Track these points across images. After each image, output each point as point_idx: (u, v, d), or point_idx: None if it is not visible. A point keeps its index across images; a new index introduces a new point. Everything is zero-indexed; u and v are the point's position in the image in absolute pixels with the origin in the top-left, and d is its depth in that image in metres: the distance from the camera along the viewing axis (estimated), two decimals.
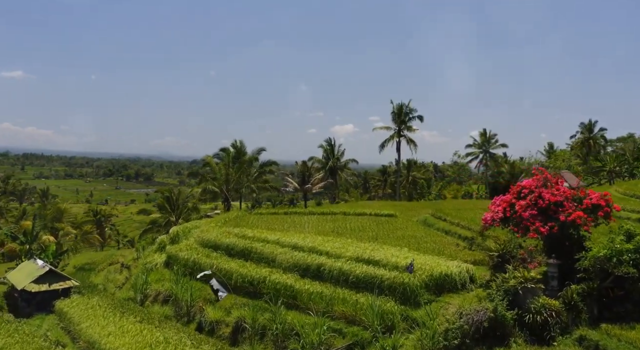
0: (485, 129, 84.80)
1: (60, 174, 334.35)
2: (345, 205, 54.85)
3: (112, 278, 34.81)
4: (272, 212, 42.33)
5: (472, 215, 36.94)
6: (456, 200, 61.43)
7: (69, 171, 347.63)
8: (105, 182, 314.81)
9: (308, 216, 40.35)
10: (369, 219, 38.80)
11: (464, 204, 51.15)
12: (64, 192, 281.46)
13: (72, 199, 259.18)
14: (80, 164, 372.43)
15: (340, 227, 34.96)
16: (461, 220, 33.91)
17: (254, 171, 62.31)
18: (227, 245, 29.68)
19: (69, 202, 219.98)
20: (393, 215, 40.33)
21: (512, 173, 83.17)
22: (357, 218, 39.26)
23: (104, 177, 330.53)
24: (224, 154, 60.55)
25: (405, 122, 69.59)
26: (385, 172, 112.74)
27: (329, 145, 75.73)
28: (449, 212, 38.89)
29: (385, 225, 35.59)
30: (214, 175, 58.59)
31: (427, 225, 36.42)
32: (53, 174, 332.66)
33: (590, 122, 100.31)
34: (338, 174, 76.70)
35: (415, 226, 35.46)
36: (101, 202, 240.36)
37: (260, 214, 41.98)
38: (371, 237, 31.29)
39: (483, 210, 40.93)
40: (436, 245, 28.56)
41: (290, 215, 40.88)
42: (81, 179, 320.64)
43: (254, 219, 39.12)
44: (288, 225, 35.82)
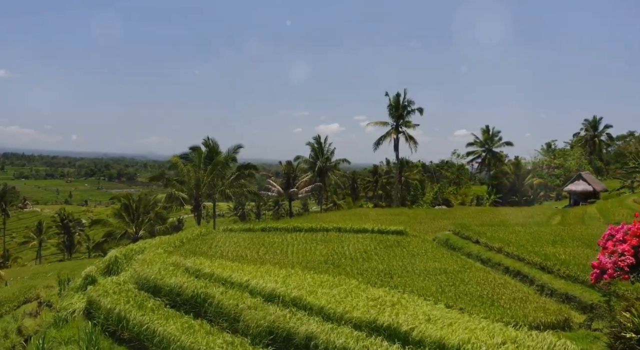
0: (487, 126, 75.59)
1: (41, 174, 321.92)
2: (338, 215, 44.85)
3: (11, 329, 24.22)
4: (245, 229, 32.14)
5: (508, 234, 27.18)
6: (467, 207, 51.71)
7: (50, 171, 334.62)
8: (86, 182, 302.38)
9: (292, 234, 30.26)
10: (372, 238, 28.84)
11: (481, 214, 41.50)
12: (43, 193, 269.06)
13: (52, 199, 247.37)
14: (62, 164, 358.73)
15: (335, 253, 24.92)
16: (502, 244, 24.06)
17: (230, 174, 52.07)
18: (172, 289, 19.48)
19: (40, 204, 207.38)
20: (402, 233, 30.46)
21: (518, 174, 74.03)
22: (356, 237, 29.28)
23: (86, 177, 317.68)
24: (194, 153, 50.19)
25: (404, 117, 59.85)
26: (377, 173, 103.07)
27: (318, 143, 65.86)
28: (474, 228, 29.10)
29: (396, 250, 25.65)
30: (182, 178, 48.21)
31: (452, 248, 26.58)
32: (34, 174, 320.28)
33: (595, 118, 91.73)
34: (327, 176, 66.77)
35: (437, 251, 25.55)
36: (81, 203, 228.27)
37: (231, 231, 31.80)
38: (381, 271, 21.32)
39: (520, 227, 31.34)
40: (485, 288, 18.67)
41: (269, 233, 30.79)
42: (62, 179, 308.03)
43: (221, 239, 28.94)
44: (265, 250, 25.70)
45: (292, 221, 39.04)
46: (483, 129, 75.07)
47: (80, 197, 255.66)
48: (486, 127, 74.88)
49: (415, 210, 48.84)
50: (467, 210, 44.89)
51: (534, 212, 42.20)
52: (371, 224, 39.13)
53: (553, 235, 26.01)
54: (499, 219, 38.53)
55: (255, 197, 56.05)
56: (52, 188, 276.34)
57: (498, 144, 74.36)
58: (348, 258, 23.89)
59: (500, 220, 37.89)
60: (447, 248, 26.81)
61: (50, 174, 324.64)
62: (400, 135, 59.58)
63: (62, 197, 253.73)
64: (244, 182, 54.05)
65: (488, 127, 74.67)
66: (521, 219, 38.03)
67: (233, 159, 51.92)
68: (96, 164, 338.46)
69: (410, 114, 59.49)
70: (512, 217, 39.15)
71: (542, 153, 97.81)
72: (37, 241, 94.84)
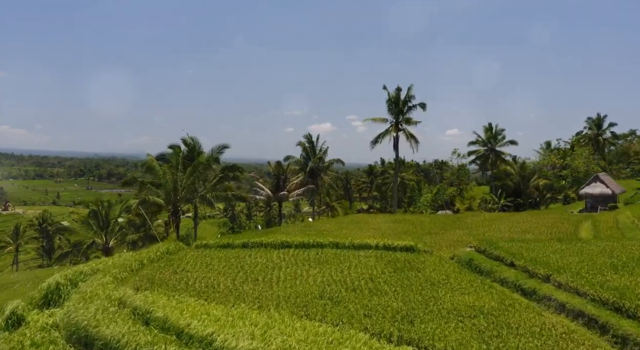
0: (490, 124, 70.01)
1: (30, 174, 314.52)
2: (333, 223, 39.10)
3: None
4: (223, 244, 26.27)
5: (548, 253, 21.60)
6: (477, 214, 45.89)
7: (39, 171, 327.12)
8: (76, 182, 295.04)
9: (280, 252, 24.49)
10: (377, 257, 23.18)
11: (497, 222, 35.93)
12: (31, 193, 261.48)
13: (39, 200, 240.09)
14: (51, 164, 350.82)
15: (334, 281, 19.19)
16: (549, 270, 18.39)
17: (213, 176, 46.22)
18: (108, 343, 13.78)
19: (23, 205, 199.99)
20: (412, 249, 24.83)
21: (523, 175, 68.67)
22: (358, 255, 23.60)
23: (76, 177, 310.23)
24: (172, 153, 44.28)
25: (404, 113, 54.15)
26: (372, 173, 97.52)
27: (309, 142, 60.06)
28: (503, 245, 23.47)
29: (410, 275, 19.97)
30: (158, 181, 42.26)
31: (479, 271, 20.91)
32: (22, 174, 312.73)
33: (599, 116, 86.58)
34: (320, 177, 61.01)
35: (462, 276, 19.86)
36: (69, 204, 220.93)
37: (206, 248, 25.98)
38: (397, 311, 15.61)
39: (558, 243, 24.33)
40: (546, 341, 13.09)
41: (252, 251, 24.99)
42: (51, 179, 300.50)
43: (191, 259, 23.13)
44: (243, 277, 19.91)
45: (280, 234, 33.27)
46: (485, 126, 69.57)
47: (69, 198, 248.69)
48: (489, 125, 69.40)
49: (418, 217, 43.22)
50: (478, 217, 39.35)
51: (556, 219, 36.76)
52: (372, 234, 33.67)
53: (608, 256, 20.43)
54: (519, 228, 33.02)
55: (240, 201, 50.33)
56: (40, 188, 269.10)
57: (501, 143, 68.94)
58: (350, 289, 18.14)
59: (521, 229, 32.38)
60: (472, 271, 21.17)
61: (40, 174, 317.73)
62: (400, 133, 53.96)
63: (50, 198, 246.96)
64: (228, 185, 48.20)
65: (491, 125, 69.21)
66: (544, 229, 32.55)
67: (216, 160, 46.09)
68: (86, 164, 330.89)
69: (411, 110, 53.97)
70: (533, 226, 33.66)
71: (542, 152, 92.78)
72: (14, 246, 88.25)
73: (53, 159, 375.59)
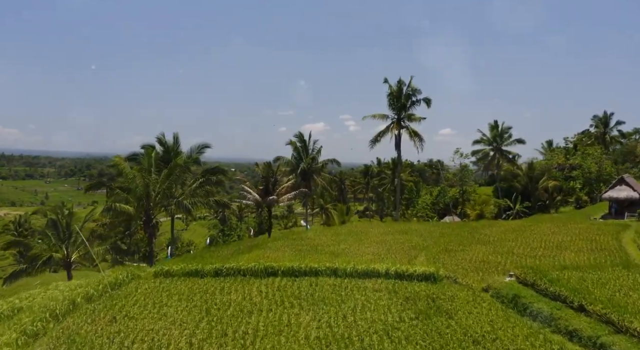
0: (496, 121, 64.14)
1: (20, 174, 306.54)
2: (330, 235, 33.05)
3: None
4: (191, 272, 20.16)
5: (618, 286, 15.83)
6: (495, 223, 39.37)
7: (30, 171, 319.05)
8: (66, 182, 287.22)
9: (261, 282, 18.46)
10: (389, 292, 17.23)
11: (522, 234, 30.14)
12: (21, 194, 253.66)
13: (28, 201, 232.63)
14: (42, 164, 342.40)
15: (335, 340, 13.20)
16: None
17: (192, 180, 40.16)
18: None
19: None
20: (433, 278, 18.94)
21: (531, 176, 62.95)
22: (364, 288, 17.66)
23: (66, 177, 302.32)
24: (144, 154, 38.19)
25: (407, 108, 48.19)
26: (368, 173, 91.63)
27: (301, 141, 54.03)
28: (549, 273, 17.65)
29: (439, 323, 14.06)
30: (127, 186, 36.14)
31: (532, 316, 15.06)
32: (12, 174, 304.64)
33: (606, 114, 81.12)
34: (313, 179, 55.02)
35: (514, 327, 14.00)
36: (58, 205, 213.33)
37: (167, 276, 19.88)
38: None
39: (622, 268, 17.06)
40: None
41: (226, 281, 18.94)
42: (42, 180, 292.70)
43: (142, 296, 17.09)
44: (206, 332, 13.84)
45: (266, 250, 27.34)
46: (491, 124, 63.81)
47: (59, 198, 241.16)
48: (494, 123, 63.63)
49: (425, 226, 37.32)
50: (497, 228, 33.52)
51: (587, 229, 31.10)
52: (375, 249, 27.82)
53: None
54: (551, 242, 27.28)
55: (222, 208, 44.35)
56: (30, 189, 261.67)
57: (508, 142, 63.24)
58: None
59: (554, 244, 26.66)
60: (522, 314, 15.32)
61: (30, 175, 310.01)
62: (402, 131, 48.10)
63: (39, 199, 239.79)
64: (210, 189, 42.10)
65: (497, 123, 63.44)
66: (582, 243, 26.82)
67: (196, 161, 40.04)
68: (77, 164, 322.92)
69: (414, 106, 48.09)
70: (566, 239, 27.95)
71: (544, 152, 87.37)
72: None
73: (44, 159, 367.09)
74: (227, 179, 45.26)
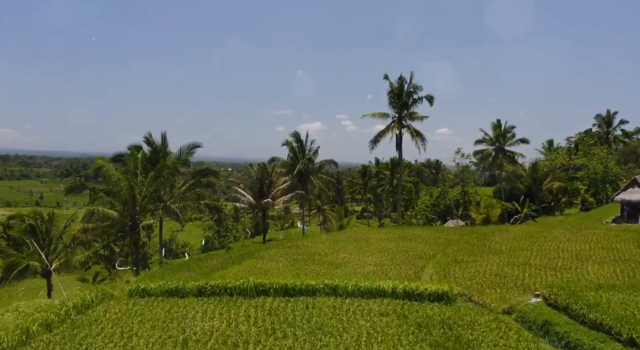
0: (499, 120, 61.72)
1: (15, 174, 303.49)
2: (327, 242, 30.43)
3: None
4: (170, 290, 17.52)
5: None
6: (505, 228, 36.26)
7: (26, 171, 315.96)
8: (62, 182, 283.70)
9: (251, 306, 15.95)
10: (397, 316, 14.70)
11: (536, 241, 27.67)
12: (16, 194, 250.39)
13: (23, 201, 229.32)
14: (38, 164, 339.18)
15: None
16: None
17: (182, 183, 37.61)
18: None
19: None
20: (447, 297, 16.48)
21: (535, 177, 60.58)
22: (369, 313, 15.14)
23: (62, 177, 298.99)
24: (130, 155, 35.60)
25: (408, 106, 45.66)
26: (366, 174, 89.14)
27: (297, 141, 51.48)
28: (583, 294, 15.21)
29: None
30: (111, 189, 33.60)
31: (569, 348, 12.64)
32: (8, 174, 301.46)
33: (609, 113, 78.91)
34: (310, 180, 52.50)
35: None
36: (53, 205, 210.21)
37: (143, 295, 17.33)
38: None
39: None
40: None
41: (209, 302, 16.40)
42: (37, 180, 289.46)
43: (109, 322, 14.53)
44: None
45: (258, 260, 24.81)
46: (494, 123, 61.33)
47: (54, 199, 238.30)
48: (497, 122, 61.18)
49: (429, 232, 34.81)
50: (507, 234, 31.03)
51: (605, 236, 28.67)
52: (378, 258, 25.34)
53: None
54: (569, 251, 24.82)
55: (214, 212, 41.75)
56: (25, 189, 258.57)
57: (511, 142, 60.81)
58: None
59: (574, 253, 24.18)
60: (555, 346, 12.88)
61: (25, 175, 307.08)
62: (403, 130, 45.60)
63: (34, 199, 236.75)
64: (200, 191, 39.54)
65: (499, 122, 61.01)
66: (602, 252, 24.38)
67: (185, 163, 37.47)
68: (73, 164, 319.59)
69: (416, 104, 45.61)
70: (584, 248, 25.50)
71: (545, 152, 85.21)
72: None
73: (40, 159, 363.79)
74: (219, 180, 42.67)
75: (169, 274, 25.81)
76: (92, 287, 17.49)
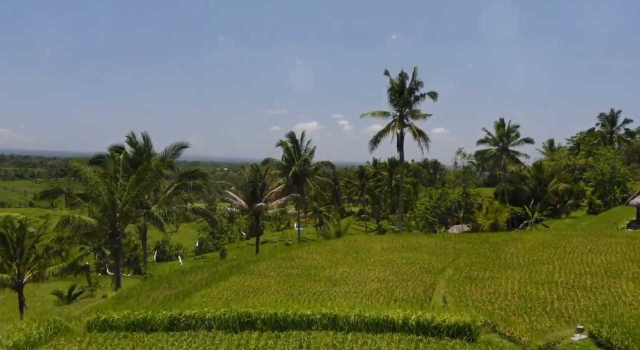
0: (502, 119, 58.89)
1: (10, 175, 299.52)
2: (324, 253, 27.38)
3: None
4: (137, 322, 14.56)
5: None
6: (518, 236, 32.86)
7: (20, 171, 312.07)
8: (57, 182, 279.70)
9: (232, 344, 13.00)
10: None
11: (555, 252, 24.76)
12: (10, 194, 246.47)
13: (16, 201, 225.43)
14: (33, 164, 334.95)
15: None
16: None
17: (166, 186, 34.57)
18: None
19: None
20: (467, 332, 13.55)
21: (540, 178, 57.81)
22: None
23: (57, 177, 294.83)
24: (110, 156, 32.52)
25: (411, 104, 42.73)
26: (363, 175, 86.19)
27: (293, 141, 48.50)
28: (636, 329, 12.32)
29: None
30: (90, 193, 30.55)
31: None
32: (2, 174, 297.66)
33: (613, 112, 76.29)
34: (306, 183, 49.52)
35: None
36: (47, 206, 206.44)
37: (104, 329, 14.29)
38: None
39: None
40: None
41: (182, 339, 13.45)
42: (32, 180, 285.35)
43: None
44: None
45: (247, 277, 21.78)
46: (497, 122, 58.54)
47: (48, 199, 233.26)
48: (500, 121, 58.39)
49: (436, 240, 31.80)
50: (522, 244, 28.13)
51: (627, 245, 25.87)
52: (380, 273, 22.38)
53: None
54: (595, 264, 21.95)
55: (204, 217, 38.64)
56: (20, 189, 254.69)
57: (515, 141, 58.01)
58: None
59: (602, 267, 21.30)
60: None
61: (20, 175, 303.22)
62: (405, 130, 42.70)
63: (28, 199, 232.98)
64: (188, 196, 36.50)
65: (503, 121, 58.20)
66: (630, 265, 21.56)
67: (169, 165, 34.42)
68: (68, 164, 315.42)
69: (419, 101, 42.70)
70: (611, 260, 22.65)
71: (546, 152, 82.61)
72: None
73: (35, 159, 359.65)
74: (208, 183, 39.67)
75: (146, 291, 22.88)
76: (43, 315, 14.41)
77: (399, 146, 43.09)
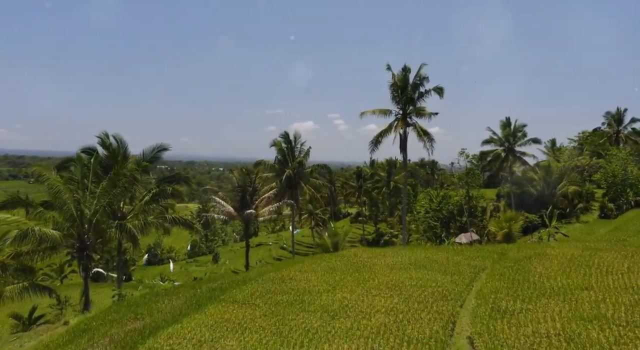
0: (508, 118, 55.17)
1: (4, 175, 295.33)
2: (321, 271, 23.40)
3: None
4: None
5: None
6: (545, 253, 28.51)
7: (14, 171, 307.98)
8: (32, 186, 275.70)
9: None
10: None
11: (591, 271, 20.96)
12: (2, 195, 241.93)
13: None
14: (27, 164, 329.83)
15: None
16: None
17: (144, 193, 30.58)
18: None
19: None
20: None
21: (548, 180, 54.09)
22: None
23: None
24: (77, 160, 28.50)
25: (415, 101, 38.89)
26: (361, 176, 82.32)
27: (287, 142, 44.56)
28: None
29: None
30: (54, 202, 26.57)
31: None
32: None
33: (619, 110, 72.75)
34: (300, 187, 45.59)
35: None
36: None
37: None
38: None
39: None
40: None
41: None
42: (25, 180, 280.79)
43: None
44: None
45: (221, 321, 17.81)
46: (503, 122, 54.84)
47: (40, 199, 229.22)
48: (506, 120, 54.69)
49: (445, 253, 27.92)
50: (550, 260, 24.30)
51: None
52: (388, 300, 18.44)
53: None
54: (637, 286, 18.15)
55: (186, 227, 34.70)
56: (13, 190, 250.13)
57: (521, 142, 54.36)
58: None
59: None
60: None
61: (14, 175, 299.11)
62: (409, 129, 38.89)
63: None
64: (169, 202, 32.50)
65: (509, 120, 54.54)
66: None
67: (145, 169, 30.39)
68: None
69: (423, 97, 38.87)
70: None
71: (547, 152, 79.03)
72: None
73: (29, 159, 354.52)
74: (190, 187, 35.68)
75: (107, 324, 18.95)
76: None
77: (402, 147, 39.16)
